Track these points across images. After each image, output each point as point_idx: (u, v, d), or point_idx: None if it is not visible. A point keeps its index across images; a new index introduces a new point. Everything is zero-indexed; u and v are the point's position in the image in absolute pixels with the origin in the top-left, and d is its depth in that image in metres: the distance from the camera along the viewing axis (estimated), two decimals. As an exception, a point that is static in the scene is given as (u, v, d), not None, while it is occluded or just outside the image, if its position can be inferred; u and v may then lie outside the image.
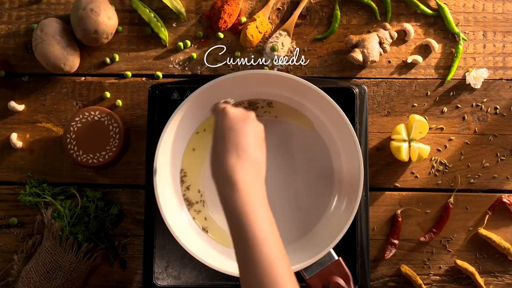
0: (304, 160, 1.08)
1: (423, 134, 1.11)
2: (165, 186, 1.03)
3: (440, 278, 1.12)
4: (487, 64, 1.16)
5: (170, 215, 1.01)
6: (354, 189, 1.01)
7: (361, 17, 1.18)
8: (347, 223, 1.00)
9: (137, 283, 1.12)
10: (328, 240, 1.00)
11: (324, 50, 1.17)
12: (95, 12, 1.11)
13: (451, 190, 1.14)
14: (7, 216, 1.14)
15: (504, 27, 1.17)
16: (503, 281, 1.12)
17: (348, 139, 1.02)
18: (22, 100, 1.17)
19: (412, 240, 1.13)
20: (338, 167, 1.06)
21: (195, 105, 1.04)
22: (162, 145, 1.02)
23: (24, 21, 1.19)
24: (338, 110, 1.01)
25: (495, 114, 1.15)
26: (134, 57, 1.18)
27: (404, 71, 1.17)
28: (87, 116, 1.11)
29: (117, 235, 1.13)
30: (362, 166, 1.00)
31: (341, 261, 1.01)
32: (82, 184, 1.14)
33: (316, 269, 1.00)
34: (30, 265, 1.07)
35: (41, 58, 1.11)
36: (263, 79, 1.03)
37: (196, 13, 1.19)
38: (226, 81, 1.02)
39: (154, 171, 1.01)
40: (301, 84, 1.02)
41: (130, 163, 1.15)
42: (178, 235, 1.00)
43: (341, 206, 1.04)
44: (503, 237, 1.12)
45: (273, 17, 1.19)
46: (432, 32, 1.17)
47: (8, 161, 1.15)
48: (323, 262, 1.01)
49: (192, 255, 0.99)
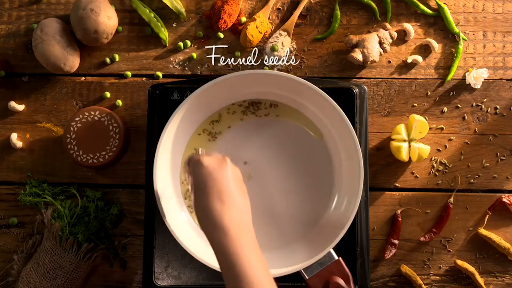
0: (304, 160, 1.08)
1: (423, 134, 1.11)
2: (165, 186, 1.03)
3: (440, 278, 1.12)
4: (487, 64, 1.16)
5: (170, 215, 1.01)
6: (354, 189, 1.01)
7: (361, 17, 1.18)
8: (347, 223, 1.00)
9: (137, 283, 1.12)
10: (328, 240, 1.00)
11: (324, 50, 1.17)
12: (95, 12, 1.11)
13: (451, 190, 1.14)
14: (7, 216, 1.14)
15: (504, 27, 1.17)
16: (503, 281, 1.12)
17: (348, 139, 1.02)
18: (22, 100, 1.17)
19: (412, 240, 1.13)
20: (338, 167, 1.06)
21: (195, 105, 1.04)
22: (162, 145, 1.01)
23: (24, 21, 1.19)
24: (338, 110, 1.01)
25: (495, 114, 1.15)
26: (134, 57, 1.18)
27: (404, 71, 1.17)
28: (87, 116, 1.11)
29: (117, 235, 1.13)
30: (362, 166, 1.00)
31: (341, 261, 1.01)
32: (82, 184, 1.14)
33: (316, 269, 1.01)
34: (30, 265, 1.07)
35: (41, 58, 1.11)
36: (263, 79, 1.03)
37: (196, 13, 1.19)
38: (225, 81, 1.02)
39: (154, 173, 1.01)
40: (300, 84, 1.02)
41: (130, 163, 1.15)
42: (178, 235, 1.00)
43: (341, 206, 1.04)
44: (503, 237, 1.12)
45: (273, 17, 1.19)
46: (432, 32, 1.17)
47: (8, 161, 1.15)
48: (323, 262, 1.01)
49: (192, 255, 0.99)
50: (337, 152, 1.06)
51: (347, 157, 1.04)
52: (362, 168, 1.00)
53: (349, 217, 1.00)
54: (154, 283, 1.04)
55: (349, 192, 1.03)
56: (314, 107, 1.06)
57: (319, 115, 1.06)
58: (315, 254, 1.00)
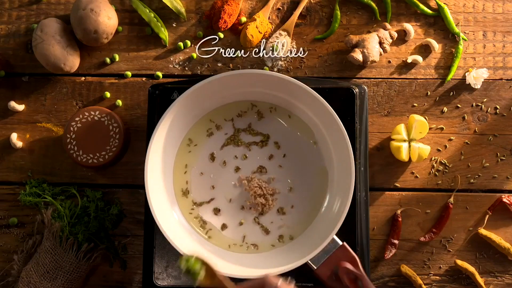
0: (297, 160, 1.08)
1: (423, 134, 1.11)
2: (157, 185, 1.03)
3: (440, 278, 1.12)
4: (487, 64, 1.16)
5: (161, 214, 1.01)
6: (346, 189, 1.01)
7: (361, 17, 1.18)
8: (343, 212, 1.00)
9: (137, 283, 1.12)
10: (330, 228, 1.00)
11: (324, 50, 1.17)
12: (95, 12, 1.11)
13: (451, 190, 1.14)
14: (7, 216, 1.14)
15: (504, 27, 1.17)
16: (503, 281, 1.12)
17: (340, 139, 1.01)
18: (22, 100, 1.17)
19: (412, 240, 1.13)
20: (330, 167, 1.06)
21: (187, 106, 1.04)
22: (153, 144, 1.02)
23: (24, 21, 1.19)
24: (330, 110, 1.01)
25: (495, 114, 1.15)
26: (134, 57, 1.18)
27: (404, 71, 1.17)
28: (87, 116, 1.11)
29: (117, 235, 1.13)
30: (353, 166, 1.00)
31: (346, 245, 1.01)
32: (82, 184, 1.14)
33: (323, 258, 1.00)
34: (30, 265, 1.07)
35: (41, 58, 1.11)
36: (256, 79, 1.04)
37: (196, 13, 1.19)
38: (218, 81, 1.02)
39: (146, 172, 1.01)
40: (293, 84, 1.02)
41: (130, 163, 1.15)
42: (169, 235, 1.00)
43: (333, 206, 1.05)
44: (503, 237, 1.12)
45: (273, 17, 1.19)
46: (432, 32, 1.17)
47: (8, 161, 1.15)
48: (328, 249, 1.00)
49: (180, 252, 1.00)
50: (330, 154, 1.06)
51: (339, 157, 1.04)
52: (353, 168, 1.00)
53: (342, 213, 1.00)
54: (154, 283, 1.04)
55: (341, 192, 1.03)
56: (307, 108, 1.06)
57: (311, 115, 1.06)
58: (319, 244, 0.99)
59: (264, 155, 1.09)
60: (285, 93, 1.05)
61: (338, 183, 1.04)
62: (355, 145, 1.05)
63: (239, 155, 1.09)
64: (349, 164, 1.00)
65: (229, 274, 0.99)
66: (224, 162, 1.09)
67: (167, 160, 1.06)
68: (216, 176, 1.08)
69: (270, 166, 1.08)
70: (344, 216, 1.00)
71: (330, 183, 1.06)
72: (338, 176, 1.05)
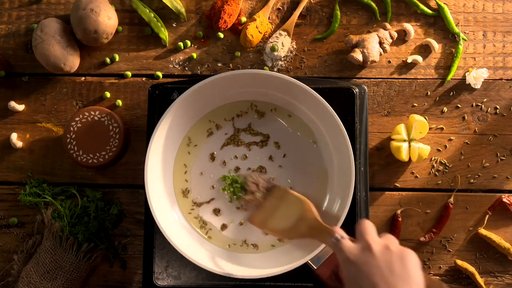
0: (297, 160, 1.08)
1: (423, 134, 1.11)
2: (157, 186, 1.03)
3: (440, 278, 1.12)
4: (487, 64, 1.16)
5: (161, 214, 1.01)
6: (346, 189, 1.01)
7: (361, 17, 1.18)
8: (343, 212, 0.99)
9: (137, 283, 1.12)
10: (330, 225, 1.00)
11: (324, 50, 1.17)
12: (95, 12, 1.11)
13: (451, 190, 1.14)
14: (7, 216, 1.14)
15: (504, 27, 1.17)
16: (503, 281, 1.12)
17: (340, 139, 1.01)
18: (22, 100, 1.17)
19: (412, 240, 1.13)
20: (330, 167, 1.06)
21: (187, 106, 1.04)
22: (154, 143, 1.01)
23: (24, 21, 1.19)
24: (330, 110, 1.01)
25: (495, 114, 1.15)
26: (134, 57, 1.18)
27: (404, 71, 1.17)
28: (87, 116, 1.11)
29: (117, 235, 1.13)
30: (353, 166, 1.00)
31: None
32: (82, 184, 1.14)
33: (323, 258, 1.00)
34: (30, 265, 1.07)
35: (41, 58, 1.11)
36: (256, 79, 1.04)
37: (196, 13, 1.19)
38: (217, 81, 1.02)
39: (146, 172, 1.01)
40: (292, 84, 1.02)
41: (130, 163, 1.15)
42: (169, 235, 1.00)
43: (333, 206, 1.05)
44: (503, 237, 1.12)
45: (273, 17, 1.19)
46: (432, 32, 1.17)
47: (8, 161, 1.15)
48: (328, 249, 0.99)
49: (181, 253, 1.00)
50: (330, 154, 1.06)
51: (339, 157, 1.04)
52: (353, 168, 1.00)
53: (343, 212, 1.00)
54: (154, 283, 1.04)
55: (341, 192, 1.03)
56: (307, 108, 1.06)
57: (311, 115, 1.06)
58: (319, 244, 0.99)
59: (264, 155, 1.09)
60: (285, 93, 1.05)
61: (338, 183, 1.04)
62: (355, 145, 1.05)
63: (239, 155, 1.09)
64: (349, 164, 1.00)
65: (229, 274, 0.99)
66: (224, 162, 1.09)
67: (167, 160, 1.06)
68: (216, 176, 1.08)
69: (270, 166, 1.09)
70: (344, 216, 1.00)
71: (330, 183, 1.06)
72: (338, 176, 1.05)
